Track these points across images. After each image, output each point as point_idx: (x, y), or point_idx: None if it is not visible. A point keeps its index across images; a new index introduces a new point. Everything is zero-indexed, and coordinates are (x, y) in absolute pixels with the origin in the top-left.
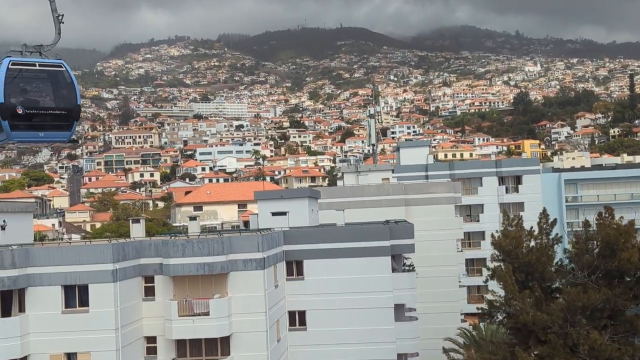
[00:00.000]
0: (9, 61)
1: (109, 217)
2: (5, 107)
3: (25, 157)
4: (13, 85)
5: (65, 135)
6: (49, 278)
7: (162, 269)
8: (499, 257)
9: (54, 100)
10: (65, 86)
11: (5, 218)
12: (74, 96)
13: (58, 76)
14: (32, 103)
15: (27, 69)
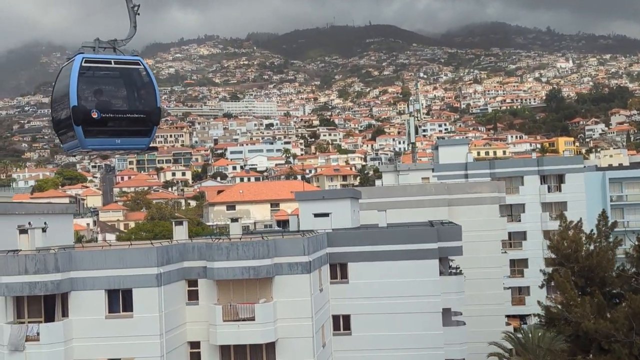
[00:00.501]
0: (81, 58)
1: (144, 217)
2: (79, 111)
3: (59, 157)
4: (86, 86)
5: (143, 142)
6: (92, 282)
7: (205, 272)
8: (557, 260)
9: (132, 102)
10: (144, 86)
11: (46, 220)
12: (154, 97)
13: (136, 75)
14: (107, 106)
15: (102, 67)
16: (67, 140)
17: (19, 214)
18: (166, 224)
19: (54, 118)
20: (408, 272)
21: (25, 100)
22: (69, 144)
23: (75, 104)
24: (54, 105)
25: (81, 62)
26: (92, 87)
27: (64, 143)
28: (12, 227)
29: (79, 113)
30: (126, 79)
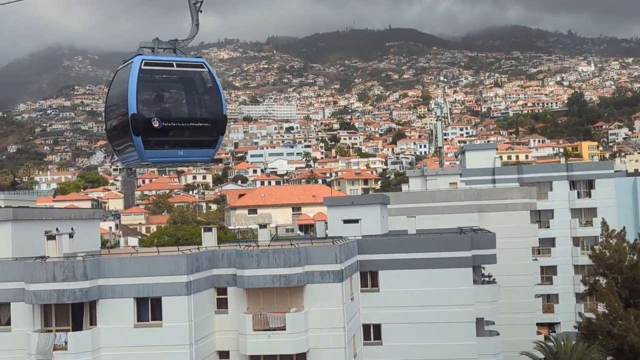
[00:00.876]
0: (141, 60)
1: (166, 220)
2: (139, 120)
3: (80, 159)
4: (147, 92)
5: (208, 153)
6: (121, 290)
7: (235, 280)
8: (600, 270)
9: (196, 109)
10: (208, 91)
11: (73, 225)
12: (219, 104)
13: (199, 79)
14: (169, 114)
15: (163, 70)
16: (124, 151)
17: (45, 220)
18: (189, 228)
19: (109, 126)
20: (441, 280)
21: (48, 103)
22: (126, 156)
23: (134, 111)
24: (108, 112)
25: (141, 64)
26: (152, 93)
27: (120, 154)
28: (39, 233)
29: (138, 122)
30: (189, 83)
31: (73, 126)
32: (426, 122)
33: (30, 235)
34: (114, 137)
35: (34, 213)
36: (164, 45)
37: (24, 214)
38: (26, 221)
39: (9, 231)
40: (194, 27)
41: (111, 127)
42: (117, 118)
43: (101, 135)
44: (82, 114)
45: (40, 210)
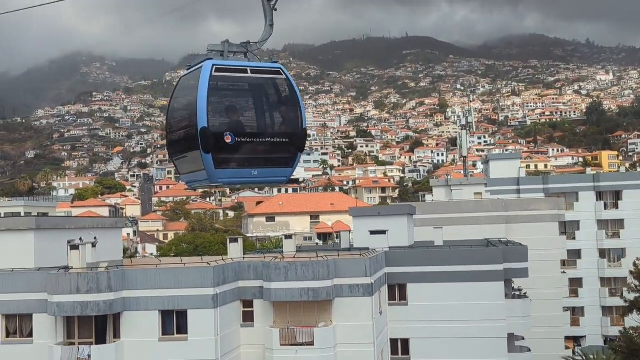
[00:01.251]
0: (211, 66)
1: (184, 228)
2: (210, 135)
3: (97, 165)
4: (218, 102)
5: (284, 173)
6: (146, 302)
7: (262, 293)
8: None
9: (272, 122)
10: (286, 102)
11: (96, 234)
12: (299, 116)
13: (277, 87)
14: (242, 127)
15: (236, 77)
16: (189, 170)
17: (68, 229)
18: (207, 236)
19: (171, 141)
20: (471, 294)
21: (66, 109)
22: (192, 176)
23: (204, 124)
24: (171, 125)
25: (211, 70)
26: (224, 103)
27: (184, 173)
28: (61, 242)
29: (209, 137)
30: (265, 93)
31: (91, 132)
32: (443, 130)
33: (53, 245)
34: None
35: (57, 222)
36: (235, 49)
37: (47, 223)
38: (49, 230)
39: (31, 240)
40: (267, 27)
41: (174, 143)
42: (182, 132)
43: (118, 142)
44: (100, 120)
45: (63, 219)
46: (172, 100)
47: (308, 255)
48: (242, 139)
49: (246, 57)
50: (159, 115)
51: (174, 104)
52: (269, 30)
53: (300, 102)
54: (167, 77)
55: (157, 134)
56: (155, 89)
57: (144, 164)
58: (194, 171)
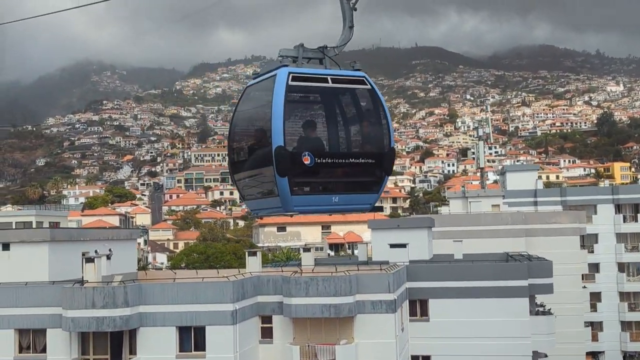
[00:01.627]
0: (287, 74)
1: (195, 237)
2: (286, 155)
3: (107, 173)
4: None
5: (368, 199)
6: (163, 318)
7: (281, 308)
8: None
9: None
10: (372, 116)
11: (110, 246)
12: (386, 133)
13: (361, 99)
14: (323, 147)
15: (315, 86)
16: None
17: (83, 241)
18: (218, 246)
19: (235, 161)
20: (495, 311)
21: (76, 117)
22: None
23: (280, 143)
24: (235, 142)
25: (287, 79)
26: (301, 118)
27: (250, 198)
28: (76, 254)
29: (286, 158)
30: (347, 105)
31: (101, 140)
32: (453, 140)
33: (67, 257)
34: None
35: (71, 234)
36: (310, 54)
37: (61, 235)
38: (63, 242)
39: (45, 253)
40: (347, 30)
41: (238, 163)
42: (249, 151)
43: (128, 150)
44: (110, 129)
45: (78, 231)
46: (236, 113)
47: (327, 270)
48: (322, 160)
49: (321, 63)
50: (168, 123)
51: (238, 118)
52: (348, 32)
53: (387, 117)
54: (177, 86)
55: (166, 143)
56: (165, 97)
57: (153, 172)
58: (264, 197)
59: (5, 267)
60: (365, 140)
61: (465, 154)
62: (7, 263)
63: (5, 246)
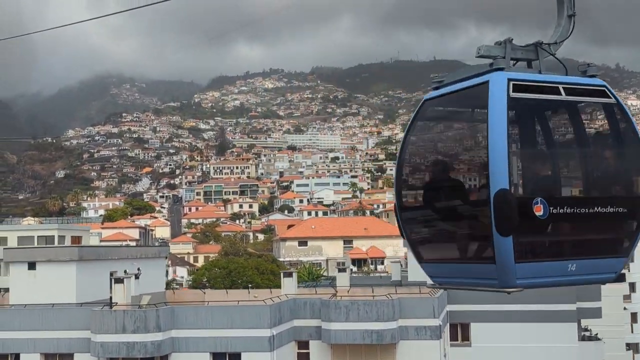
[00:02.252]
0: (506, 81)
1: (215, 251)
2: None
3: (126, 186)
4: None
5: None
6: (196, 343)
7: (319, 333)
8: None
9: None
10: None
11: (139, 264)
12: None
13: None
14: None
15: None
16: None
17: (111, 259)
18: (240, 260)
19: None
20: (541, 336)
21: (96, 130)
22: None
23: (504, 185)
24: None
25: (508, 88)
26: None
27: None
28: (103, 274)
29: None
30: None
31: (120, 152)
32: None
33: (95, 276)
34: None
35: (99, 252)
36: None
37: (89, 254)
38: (91, 261)
39: (73, 272)
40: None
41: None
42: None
43: (147, 162)
44: (129, 141)
45: (106, 249)
46: (409, 138)
47: (364, 292)
48: (558, 210)
49: (530, 66)
50: (187, 136)
51: (415, 145)
52: (567, 23)
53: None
54: (195, 99)
55: (185, 155)
56: (184, 110)
57: (172, 184)
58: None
59: (31, 287)
60: (614, 178)
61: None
62: (32, 283)
63: (31, 265)
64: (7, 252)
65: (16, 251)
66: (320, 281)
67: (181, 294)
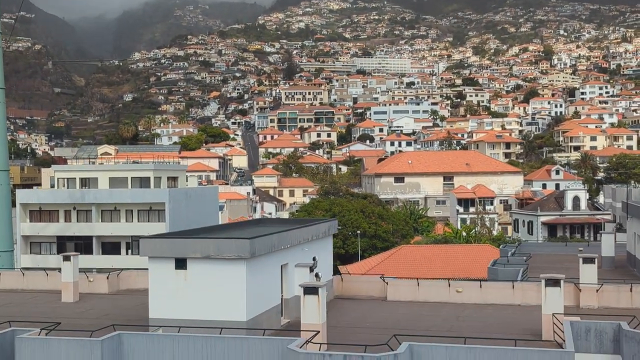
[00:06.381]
0: None
1: (302, 184)
2: None
3: (193, 110)
4: None
5: None
6: None
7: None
8: None
9: None
10: None
11: (309, 247)
12: None
13: None
14: None
15: None
16: None
17: (283, 249)
18: (344, 202)
19: None
20: None
21: (162, 52)
22: None
23: None
24: None
25: None
26: None
27: None
28: (274, 270)
29: None
30: None
31: (186, 76)
32: (552, 78)
33: (266, 278)
34: None
35: (272, 242)
36: None
37: (262, 247)
38: (263, 256)
39: (242, 276)
40: None
41: None
42: None
43: (214, 86)
44: (195, 64)
45: (280, 237)
46: None
47: None
48: None
49: None
50: (252, 59)
51: None
52: None
53: None
54: (259, 21)
55: (252, 79)
56: (248, 32)
57: (243, 110)
58: None
59: (181, 293)
60: None
61: (572, 94)
62: (182, 288)
63: (179, 263)
64: (147, 244)
65: (158, 243)
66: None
67: (352, 282)
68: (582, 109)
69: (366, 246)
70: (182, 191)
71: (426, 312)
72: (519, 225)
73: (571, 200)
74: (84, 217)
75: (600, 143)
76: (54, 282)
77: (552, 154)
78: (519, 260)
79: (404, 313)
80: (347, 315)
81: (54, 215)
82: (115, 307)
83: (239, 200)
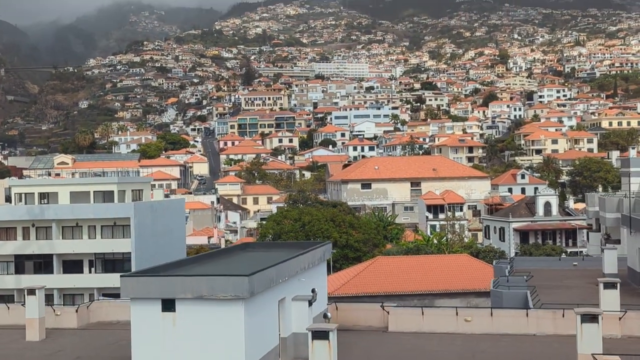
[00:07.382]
0: None
1: (283, 200)
2: None
3: (151, 116)
4: None
5: None
6: None
7: None
8: None
9: None
10: None
11: (305, 276)
12: None
13: None
14: None
15: None
16: None
17: (282, 282)
18: (313, 211)
19: None
20: None
21: (117, 59)
22: None
23: None
24: None
25: None
26: None
27: None
28: (271, 306)
29: None
30: None
31: (143, 82)
32: (509, 82)
33: (265, 315)
34: None
35: (270, 276)
36: None
37: (260, 283)
38: (261, 294)
39: (240, 316)
40: None
41: None
42: None
43: (171, 92)
44: (152, 70)
45: (278, 270)
46: None
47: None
48: None
49: None
50: (210, 65)
51: None
52: None
53: None
54: (216, 26)
55: (210, 85)
56: (205, 38)
57: (202, 116)
58: None
59: (169, 340)
60: None
61: (530, 98)
62: (170, 333)
63: (167, 304)
64: (128, 283)
65: (142, 282)
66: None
67: (349, 310)
68: (541, 112)
69: (337, 257)
70: (148, 204)
71: (435, 347)
72: (490, 231)
73: (542, 206)
74: (44, 235)
75: (561, 146)
76: (16, 316)
77: (514, 157)
78: (520, 281)
79: (411, 349)
80: (346, 352)
81: (11, 233)
82: (87, 345)
83: (203, 210)
